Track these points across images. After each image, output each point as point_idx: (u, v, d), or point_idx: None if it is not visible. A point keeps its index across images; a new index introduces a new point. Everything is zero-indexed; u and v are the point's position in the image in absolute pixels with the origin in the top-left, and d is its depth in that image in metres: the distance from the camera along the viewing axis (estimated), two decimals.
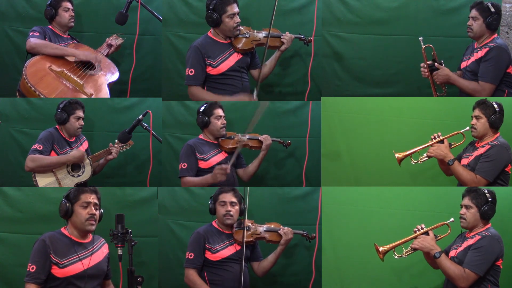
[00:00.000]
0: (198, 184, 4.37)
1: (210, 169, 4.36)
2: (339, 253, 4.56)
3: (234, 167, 4.47)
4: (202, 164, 4.38)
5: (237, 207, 4.20)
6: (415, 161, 4.13)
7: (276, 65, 4.54)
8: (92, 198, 3.76)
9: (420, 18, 4.86)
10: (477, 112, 4.10)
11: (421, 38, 4.45)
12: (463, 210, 3.87)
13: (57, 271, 3.69)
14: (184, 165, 4.38)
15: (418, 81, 4.93)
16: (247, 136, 4.46)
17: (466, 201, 3.87)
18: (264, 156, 4.48)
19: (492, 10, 4.32)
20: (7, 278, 4.48)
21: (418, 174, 4.73)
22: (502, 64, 4.33)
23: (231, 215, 4.18)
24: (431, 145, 4.08)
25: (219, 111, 4.45)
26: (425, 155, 4.10)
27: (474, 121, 4.10)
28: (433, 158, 4.08)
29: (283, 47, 4.45)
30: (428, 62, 4.44)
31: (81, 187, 4.18)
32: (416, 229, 3.89)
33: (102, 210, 3.84)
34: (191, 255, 4.15)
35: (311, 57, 4.61)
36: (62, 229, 3.80)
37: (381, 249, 3.91)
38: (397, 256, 3.93)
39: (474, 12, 4.37)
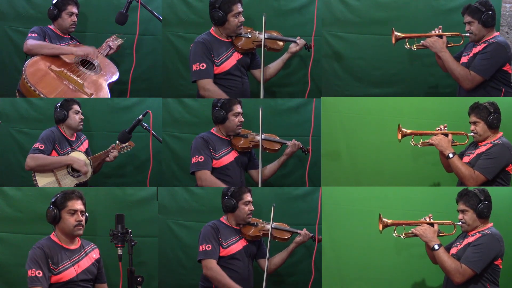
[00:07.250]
0: (217, 185, 4.30)
1: (220, 169, 4.32)
2: (339, 253, 4.55)
3: (245, 168, 4.45)
4: (213, 162, 4.31)
5: None
6: (414, 143, 4.17)
7: (283, 67, 4.53)
8: (78, 205, 3.79)
9: (420, 18, 4.86)
10: (473, 118, 4.10)
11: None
12: (461, 216, 3.90)
13: (52, 278, 3.73)
14: (201, 158, 4.27)
15: (418, 81, 4.94)
16: (263, 137, 4.38)
17: (461, 206, 3.89)
18: (285, 161, 4.44)
19: (483, 9, 4.28)
20: (7, 278, 4.49)
21: (418, 174, 4.73)
22: (497, 60, 4.29)
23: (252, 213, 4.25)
24: (435, 134, 4.12)
25: (238, 108, 4.33)
26: (426, 140, 4.14)
27: (472, 127, 4.10)
28: (434, 157, 4.08)
29: (294, 50, 4.44)
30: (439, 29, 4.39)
31: (69, 192, 3.95)
32: (424, 219, 3.93)
33: (87, 214, 3.86)
34: (208, 247, 4.10)
35: (311, 57, 4.60)
36: (51, 236, 3.83)
37: (383, 219, 3.95)
38: (396, 235, 3.98)
39: (467, 17, 4.33)
